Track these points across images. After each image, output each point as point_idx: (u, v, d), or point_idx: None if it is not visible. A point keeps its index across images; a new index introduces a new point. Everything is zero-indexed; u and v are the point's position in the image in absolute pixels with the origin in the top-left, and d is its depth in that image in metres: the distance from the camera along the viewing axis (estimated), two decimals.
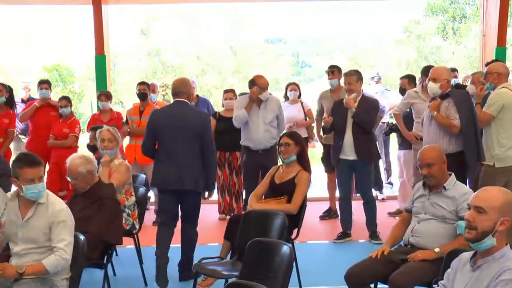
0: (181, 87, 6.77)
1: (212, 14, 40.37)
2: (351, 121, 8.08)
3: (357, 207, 8.56)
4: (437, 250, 4.97)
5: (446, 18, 30.91)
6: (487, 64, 7.98)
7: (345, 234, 8.35)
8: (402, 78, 9.67)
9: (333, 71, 9.25)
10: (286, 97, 10.10)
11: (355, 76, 8.17)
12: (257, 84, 8.35)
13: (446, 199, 5.21)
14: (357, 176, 8.35)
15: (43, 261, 4.65)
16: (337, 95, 9.00)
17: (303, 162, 6.77)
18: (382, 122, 10.43)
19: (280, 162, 7.15)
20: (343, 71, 9.02)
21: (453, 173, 5.37)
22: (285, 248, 4.65)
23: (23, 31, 42.88)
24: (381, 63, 32.09)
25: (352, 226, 8.44)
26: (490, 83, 7.22)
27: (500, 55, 10.40)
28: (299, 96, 10.00)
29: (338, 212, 8.81)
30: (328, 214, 9.58)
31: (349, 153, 8.14)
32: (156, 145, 6.78)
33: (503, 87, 7.13)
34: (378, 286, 5.23)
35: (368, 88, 10.70)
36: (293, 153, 6.73)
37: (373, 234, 8.28)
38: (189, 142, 6.53)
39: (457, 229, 4.76)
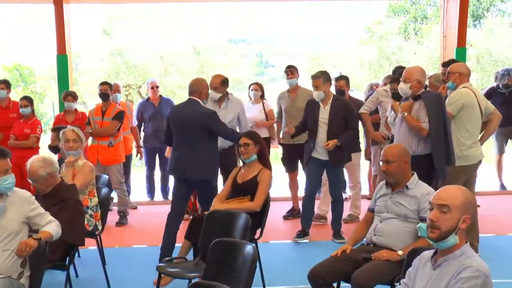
0: (194, 87, 7.28)
1: (174, 14, 40.22)
2: (323, 122, 8.11)
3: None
4: (400, 253, 5.01)
5: (407, 19, 31.15)
6: (443, 65, 8.09)
7: (304, 233, 8.37)
8: (337, 79, 9.46)
9: (292, 70, 9.31)
10: (250, 97, 10.11)
11: (322, 78, 8.11)
12: (210, 83, 8.38)
13: (409, 198, 5.25)
14: (329, 175, 8.39)
15: (46, 227, 4.90)
16: (294, 95, 9.06)
17: (264, 161, 6.79)
18: None
19: (240, 162, 7.17)
20: (310, 72, 9.06)
21: (415, 173, 5.42)
22: (248, 248, 4.66)
23: None
24: (344, 63, 32.25)
25: (311, 225, 8.47)
26: (452, 82, 7.32)
27: (460, 55, 10.53)
28: (262, 96, 9.98)
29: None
30: (291, 214, 9.60)
31: (321, 153, 8.17)
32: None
33: (464, 87, 7.24)
34: (341, 285, 5.27)
35: (331, 88, 10.76)
36: (253, 153, 6.74)
37: (337, 233, 8.32)
38: (192, 136, 7.04)
39: (419, 231, 4.83)
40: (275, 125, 9.84)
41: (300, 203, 8.77)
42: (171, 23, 42.30)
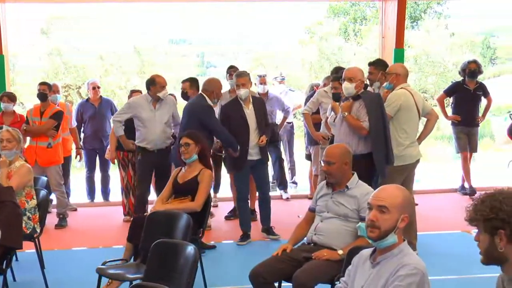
0: (205, 85, 8.21)
1: (114, 14, 39.80)
2: (252, 122, 8.18)
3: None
4: (340, 252, 5.06)
5: (347, 20, 31.51)
6: (370, 64, 8.23)
7: (246, 236, 8.38)
8: (183, 81, 9.37)
9: (234, 71, 9.29)
10: None
11: (248, 76, 8.33)
12: (157, 82, 8.35)
13: (349, 198, 5.31)
14: (256, 174, 8.43)
15: None
16: (235, 94, 9.06)
17: (205, 161, 6.78)
18: (287, 122, 10.56)
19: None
20: (252, 72, 9.09)
21: (355, 173, 5.48)
22: (190, 249, 4.65)
23: None
24: (285, 64, 32.40)
25: (251, 227, 8.51)
26: (389, 83, 7.43)
27: (398, 56, 10.68)
28: None
29: None
30: (233, 214, 9.59)
31: (253, 153, 8.21)
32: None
33: (401, 88, 7.35)
34: (282, 284, 5.30)
35: (272, 89, 10.81)
36: (193, 153, 6.73)
37: (269, 229, 8.42)
38: (191, 125, 7.69)
39: (358, 231, 4.88)
40: None
41: None
42: (111, 23, 41.83)
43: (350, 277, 3.74)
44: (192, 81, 9.11)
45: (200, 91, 8.32)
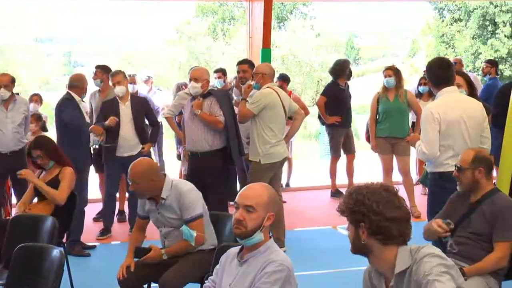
0: (74, 81, 8.12)
1: None
2: (127, 119, 8.21)
3: None
4: (163, 251, 5.11)
5: (216, 20, 31.73)
6: (238, 63, 8.46)
7: (107, 230, 8.44)
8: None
9: (98, 71, 9.11)
10: None
11: (122, 73, 8.39)
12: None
13: (170, 208, 5.17)
14: (127, 173, 8.37)
15: None
16: (105, 95, 8.92)
17: (62, 161, 6.54)
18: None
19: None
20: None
21: (165, 179, 5.25)
22: (55, 252, 4.52)
23: None
24: (154, 63, 32.22)
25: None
26: (256, 82, 7.55)
27: (265, 56, 10.82)
28: None
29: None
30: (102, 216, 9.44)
31: (126, 150, 8.24)
32: None
33: (267, 87, 7.48)
34: (152, 285, 5.27)
35: (141, 88, 10.71)
36: (48, 159, 6.43)
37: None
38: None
39: (183, 234, 4.99)
40: None
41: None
42: None
43: (218, 276, 3.76)
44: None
45: (67, 88, 8.14)
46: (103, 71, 9.05)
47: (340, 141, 10.37)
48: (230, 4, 30.60)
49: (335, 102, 10.08)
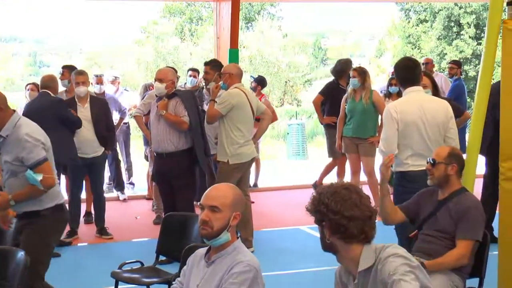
0: (47, 82, 8.00)
1: None
2: (86, 120, 8.15)
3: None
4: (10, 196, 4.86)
5: (183, 20, 31.63)
6: (205, 64, 8.48)
7: (73, 232, 8.34)
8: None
9: (65, 71, 9.03)
10: (27, 97, 9.70)
11: (85, 74, 8.38)
12: None
13: (8, 148, 4.88)
14: (92, 174, 8.44)
15: None
16: (71, 95, 8.84)
17: None
18: (123, 123, 10.42)
19: None
20: (89, 71, 8.95)
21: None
22: (20, 255, 4.48)
23: None
24: (121, 63, 32.06)
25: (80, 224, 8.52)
26: (223, 83, 7.55)
27: (233, 56, 10.81)
28: None
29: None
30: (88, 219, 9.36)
31: (87, 151, 8.20)
32: None
33: (235, 87, 7.49)
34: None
35: (108, 88, 10.64)
36: None
37: (103, 230, 8.44)
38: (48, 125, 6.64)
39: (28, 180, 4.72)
40: None
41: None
42: None
43: (185, 277, 3.75)
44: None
45: (41, 89, 8.08)
46: (70, 71, 8.97)
47: (335, 142, 9.87)
48: (198, 4, 30.54)
49: (333, 101, 9.84)
